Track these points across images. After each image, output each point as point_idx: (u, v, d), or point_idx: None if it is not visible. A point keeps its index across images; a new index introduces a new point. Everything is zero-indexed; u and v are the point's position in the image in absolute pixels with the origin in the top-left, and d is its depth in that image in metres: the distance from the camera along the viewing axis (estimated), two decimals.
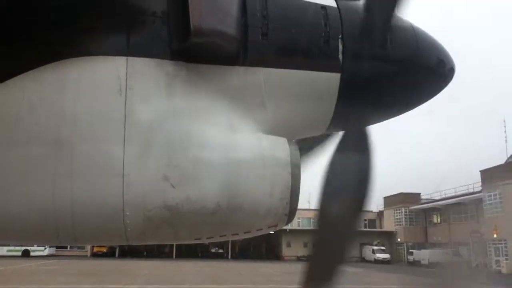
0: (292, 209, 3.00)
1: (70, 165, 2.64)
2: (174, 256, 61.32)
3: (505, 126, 57.87)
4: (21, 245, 52.76)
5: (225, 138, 2.89)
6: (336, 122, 3.39)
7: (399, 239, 66.64)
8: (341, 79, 3.19)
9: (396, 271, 42.03)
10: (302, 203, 3.10)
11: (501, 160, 52.50)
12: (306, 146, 3.83)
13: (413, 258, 59.75)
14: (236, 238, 3.25)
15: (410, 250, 62.93)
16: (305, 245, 70.88)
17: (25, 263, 41.21)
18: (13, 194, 2.67)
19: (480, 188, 53.82)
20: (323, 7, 3.20)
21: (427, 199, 69.24)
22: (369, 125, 3.37)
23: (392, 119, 3.83)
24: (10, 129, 2.65)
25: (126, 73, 2.75)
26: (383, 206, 73.70)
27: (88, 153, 2.67)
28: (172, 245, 58.36)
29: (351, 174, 3.20)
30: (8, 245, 51.00)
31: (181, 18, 2.73)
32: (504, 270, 45.57)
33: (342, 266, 3.26)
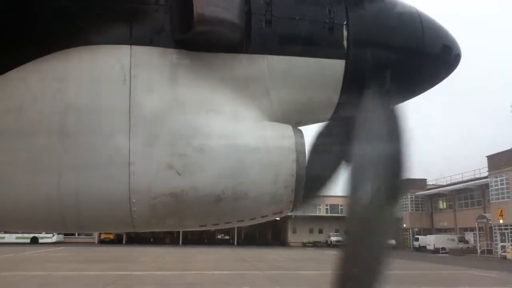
0: (297, 197, 3.00)
1: (75, 154, 2.66)
2: (180, 243, 61.93)
3: None
4: (30, 233, 53.46)
5: (229, 126, 2.89)
6: (340, 109, 3.37)
7: (404, 225, 66.76)
8: (346, 66, 3.17)
9: (401, 256, 42.16)
10: None
11: (508, 146, 52.25)
12: (318, 183, 3.77)
13: (419, 244, 59.99)
14: (241, 225, 3.26)
15: (416, 236, 63.11)
16: (311, 231, 71.43)
17: (33, 250, 41.77)
18: (19, 184, 2.69)
19: (486, 174, 53.70)
20: None
21: (433, 184, 69.23)
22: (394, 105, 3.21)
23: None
24: (14, 120, 2.66)
25: (130, 62, 2.74)
26: None
27: (93, 142, 2.68)
28: (179, 232, 58.90)
29: (382, 159, 3.00)
30: (17, 232, 51.62)
31: (184, 7, 2.71)
32: (509, 256, 45.64)
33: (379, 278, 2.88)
